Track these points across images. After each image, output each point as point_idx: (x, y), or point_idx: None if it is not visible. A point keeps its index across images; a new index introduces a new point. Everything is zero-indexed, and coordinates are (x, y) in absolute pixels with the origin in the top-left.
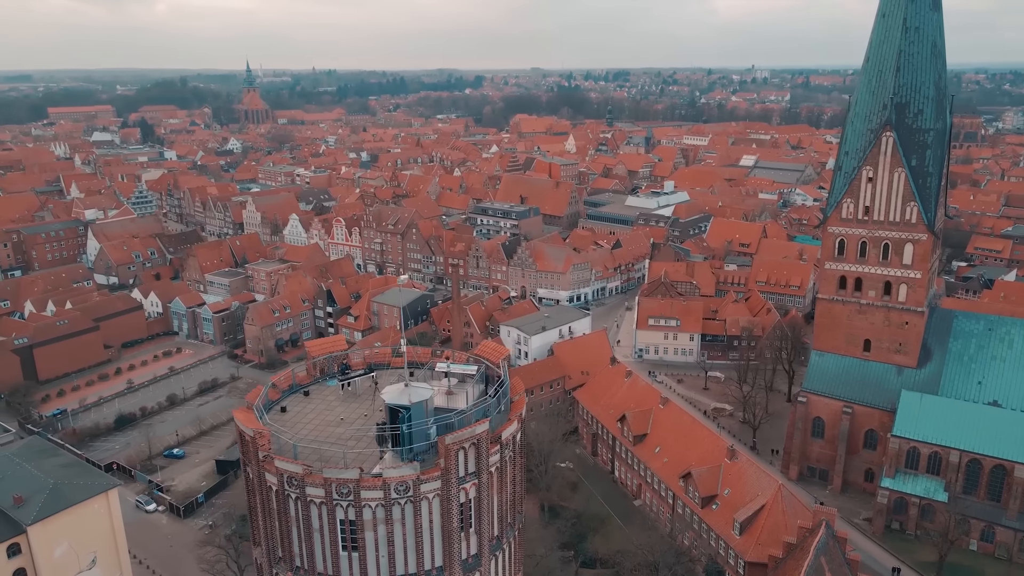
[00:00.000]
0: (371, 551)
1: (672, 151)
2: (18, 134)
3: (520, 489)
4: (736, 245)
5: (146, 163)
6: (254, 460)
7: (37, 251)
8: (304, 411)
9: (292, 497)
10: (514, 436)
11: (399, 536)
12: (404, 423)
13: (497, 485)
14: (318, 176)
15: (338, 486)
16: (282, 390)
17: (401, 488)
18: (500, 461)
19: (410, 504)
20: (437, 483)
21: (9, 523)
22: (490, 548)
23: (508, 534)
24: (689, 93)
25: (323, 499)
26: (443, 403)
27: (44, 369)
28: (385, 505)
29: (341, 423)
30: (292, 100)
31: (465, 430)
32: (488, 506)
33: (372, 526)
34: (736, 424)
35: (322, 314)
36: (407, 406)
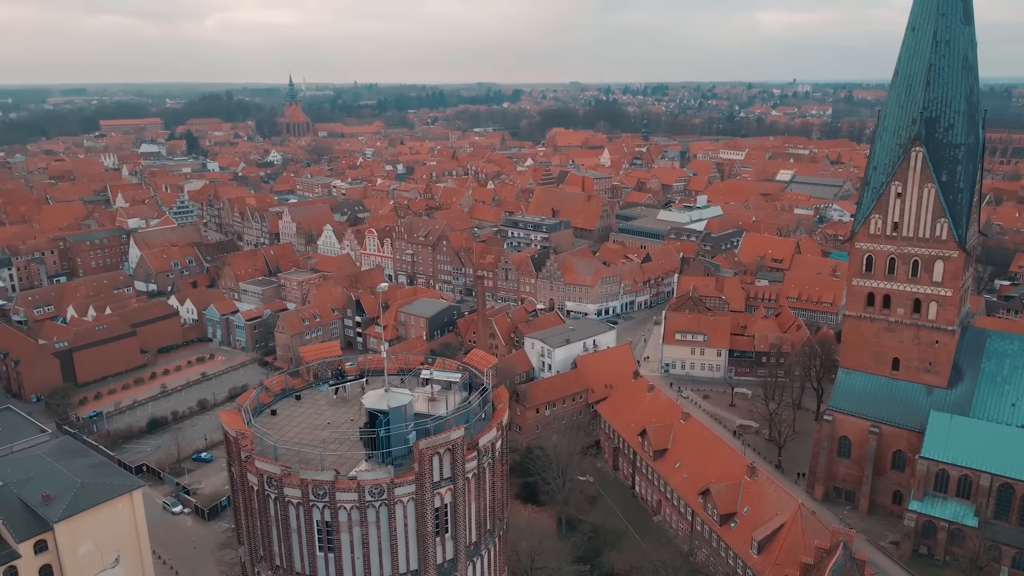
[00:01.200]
0: (347, 552)
1: (707, 165)
2: (71, 145)
3: (502, 496)
4: (768, 260)
5: (189, 174)
6: (237, 460)
7: (82, 258)
8: (294, 415)
9: (271, 497)
10: (493, 443)
11: (374, 538)
12: (381, 427)
13: (475, 491)
14: (354, 188)
15: (314, 487)
16: (275, 394)
17: (376, 491)
18: (478, 468)
19: (385, 507)
20: (411, 487)
21: (37, 520)
22: (467, 554)
23: (487, 541)
24: (728, 107)
25: (300, 500)
26: (426, 409)
27: (83, 372)
28: (360, 507)
29: (327, 427)
30: (333, 113)
31: (440, 435)
32: (465, 512)
33: (348, 528)
34: (762, 442)
35: (351, 323)
36: (385, 411)
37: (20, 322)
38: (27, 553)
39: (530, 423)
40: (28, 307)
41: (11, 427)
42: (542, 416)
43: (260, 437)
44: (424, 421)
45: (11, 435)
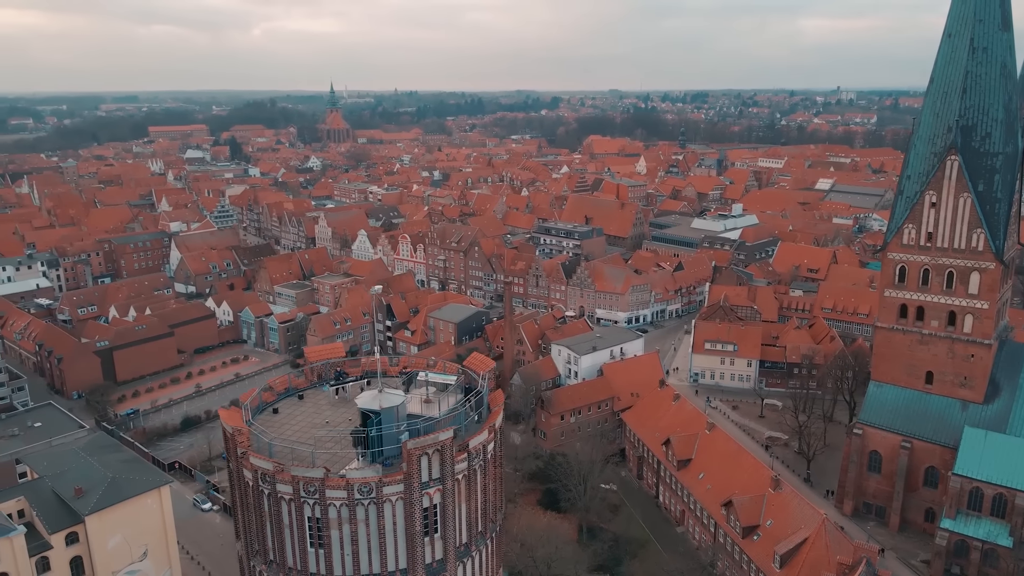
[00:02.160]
0: (337, 549)
1: (744, 174)
2: (120, 151)
3: (496, 499)
4: (803, 270)
5: (231, 179)
6: (233, 456)
7: (125, 260)
8: (294, 413)
9: (265, 493)
10: (485, 446)
11: (363, 536)
12: (373, 427)
13: (465, 493)
14: (390, 194)
15: (305, 484)
16: (278, 393)
17: (364, 489)
18: (468, 469)
19: (374, 505)
20: (400, 486)
21: (68, 513)
22: (457, 554)
23: (479, 542)
24: (769, 115)
25: (292, 496)
26: (421, 410)
27: (122, 371)
28: (349, 505)
29: (325, 426)
30: (373, 120)
31: (428, 436)
32: (454, 513)
33: (337, 524)
34: (791, 454)
35: (381, 327)
36: (376, 411)
37: (65, 321)
38: (59, 544)
39: (554, 430)
40: (73, 307)
41: (51, 423)
42: (567, 423)
43: (256, 434)
44: (415, 422)
45: (51, 430)
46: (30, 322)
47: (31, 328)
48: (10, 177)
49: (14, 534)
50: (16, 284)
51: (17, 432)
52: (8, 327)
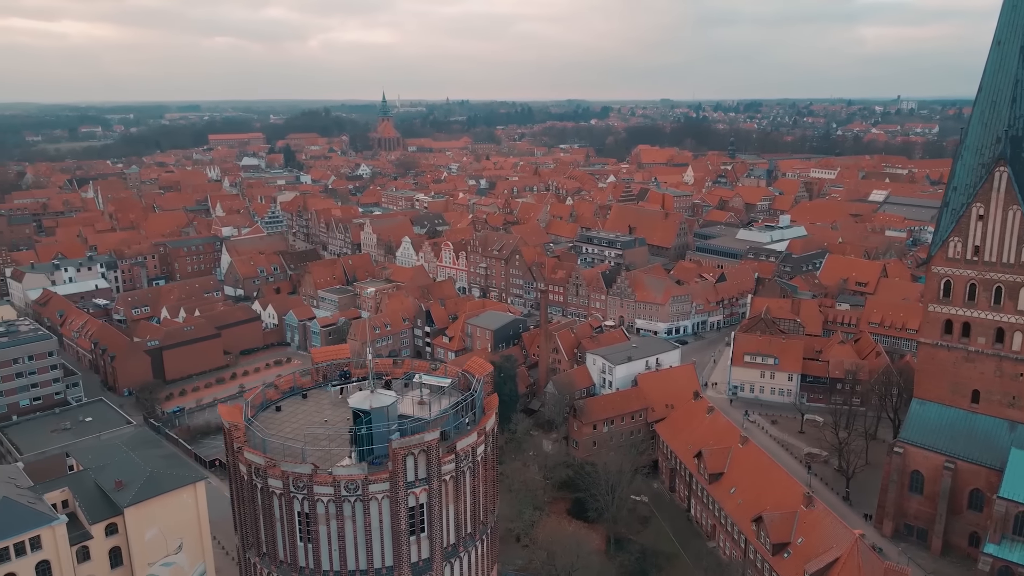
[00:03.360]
0: (324, 544)
1: (795, 184)
2: (181, 158)
3: (487, 502)
4: (852, 284)
5: (283, 186)
6: (230, 450)
7: (179, 263)
8: (296, 412)
9: (258, 487)
10: (474, 448)
11: (350, 532)
12: (363, 426)
13: (453, 494)
14: (436, 201)
15: (294, 479)
16: (283, 391)
17: (351, 487)
18: (456, 471)
19: (360, 502)
20: (385, 485)
21: (109, 504)
22: (444, 555)
23: (468, 544)
24: (824, 125)
25: (282, 491)
26: (414, 412)
27: (171, 370)
28: (336, 501)
29: (324, 424)
30: (424, 128)
31: (413, 436)
32: (441, 513)
33: (325, 520)
34: (831, 472)
35: (420, 333)
36: (367, 410)
37: (120, 321)
38: (99, 535)
39: (586, 439)
40: (127, 307)
41: (101, 418)
42: (599, 432)
43: (252, 430)
44: (405, 422)
45: (100, 425)
46: (87, 321)
47: (88, 327)
48: (77, 182)
49: (56, 523)
50: (77, 284)
51: (69, 426)
52: (67, 325)
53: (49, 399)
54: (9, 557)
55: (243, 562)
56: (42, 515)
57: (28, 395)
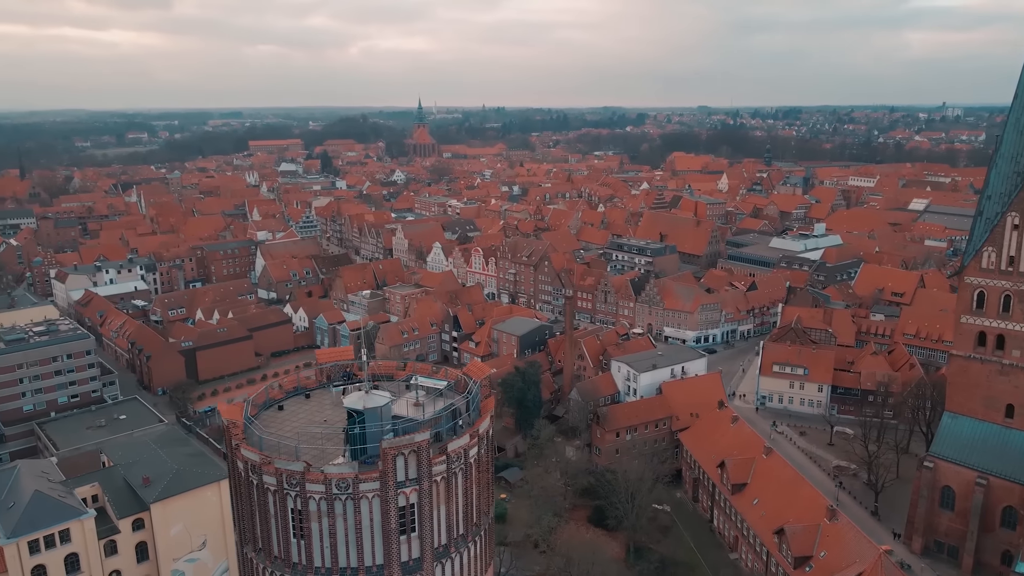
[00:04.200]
0: (316, 541)
1: (832, 192)
2: (222, 164)
3: (480, 504)
4: (887, 294)
5: (318, 191)
6: (229, 447)
7: (215, 266)
8: (298, 411)
9: (254, 483)
10: (466, 450)
11: (341, 530)
12: (356, 426)
13: (444, 495)
14: (468, 207)
15: (288, 476)
16: (287, 391)
17: (342, 485)
18: (447, 472)
19: (351, 501)
20: (376, 484)
21: (136, 500)
22: (435, 555)
23: (459, 545)
24: (866, 132)
25: (276, 487)
26: (408, 412)
27: (204, 370)
28: (327, 499)
29: (324, 424)
30: (459, 135)
31: (403, 437)
32: (431, 513)
33: (317, 517)
34: (860, 486)
35: (448, 338)
36: (360, 410)
37: (157, 321)
38: (126, 529)
39: (609, 446)
40: (164, 308)
41: (135, 416)
42: (622, 440)
43: (250, 428)
44: (398, 423)
45: (133, 423)
46: (125, 321)
47: (126, 327)
48: (122, 187)
49: (84, 517)
50: (117, 286)
51: (103, 423)
52: (107, 325)
53: (86, 397)
54: (39, 549)
55: (241, 557)
56: (72, 509)
57: (66, 392)
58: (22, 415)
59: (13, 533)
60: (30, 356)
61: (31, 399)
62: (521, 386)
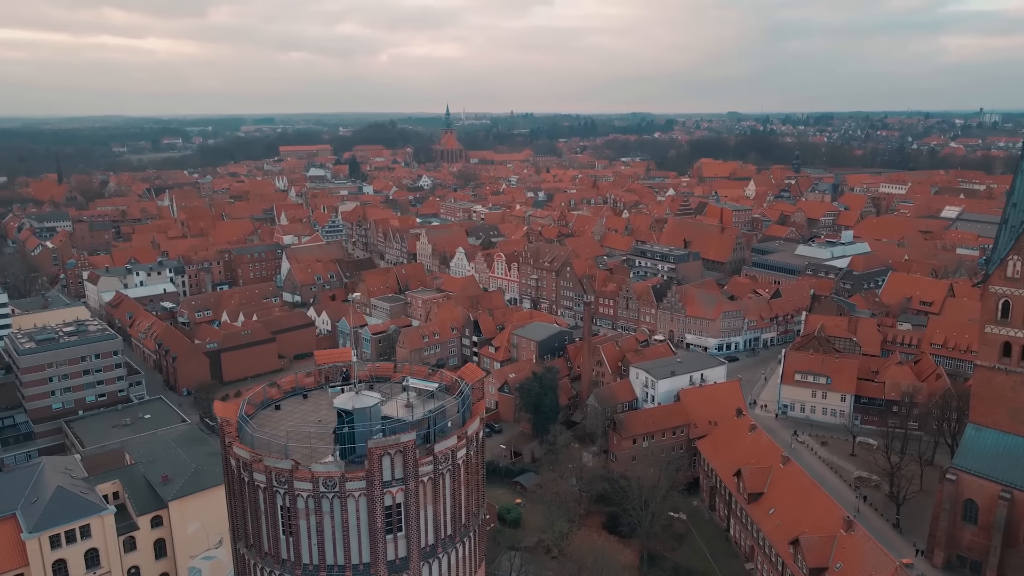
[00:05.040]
0: (304, 538)
1: (861, 199)
2: (252, 168)
3: (470, 505)
4: (915, 303)
5: (345, 196)
6: (223, 445)
7: (242, 269)
8: (295, 411)
9: (245, 480)
10: (453, 451)
11: (328, 528)
12: (345, 425)
13: (431, 495)
14: (493, 213)
15: (277, 474)
16: (285, 391)
17: (329, 483)
18: (434, 472)
19: (338, 499)
20: (362, 483)
21: (155, 497)
22: (422, 555)
23: (447, 546)
24: (899, 138)
25: (266, 484)
26: (399, 414)
27: (228, 371)
28: (315, 497)
29: (318, 424)
30: (487, 141)
31: (389, 437)
32: (418, 513)
33: (305, 515)
34: (881, 497)
35: (468, 342)
36: (350, 411)
37: (184, 323)
38: (145, 526)
39: (625, 453)
40: (191, 310)
41: (160, 415)
42: (639, 447)
43: (243, 426)
44: (387, 423)
45: (158, 423)
46: (153, 323)
47: (154, 328)
48: (155, 191)
49: (104, 513)
50: (147, 288)
51: (129, 422)
52: (135, 326)
53: (113, 396)
54: (60, 544)
55: (234, 552)
56: (92, 505)
57: (94, 391)
58: (51, 413)
59: (35, 528)
60: (60, 356)
61: (60, 397)
62: (538, 391)
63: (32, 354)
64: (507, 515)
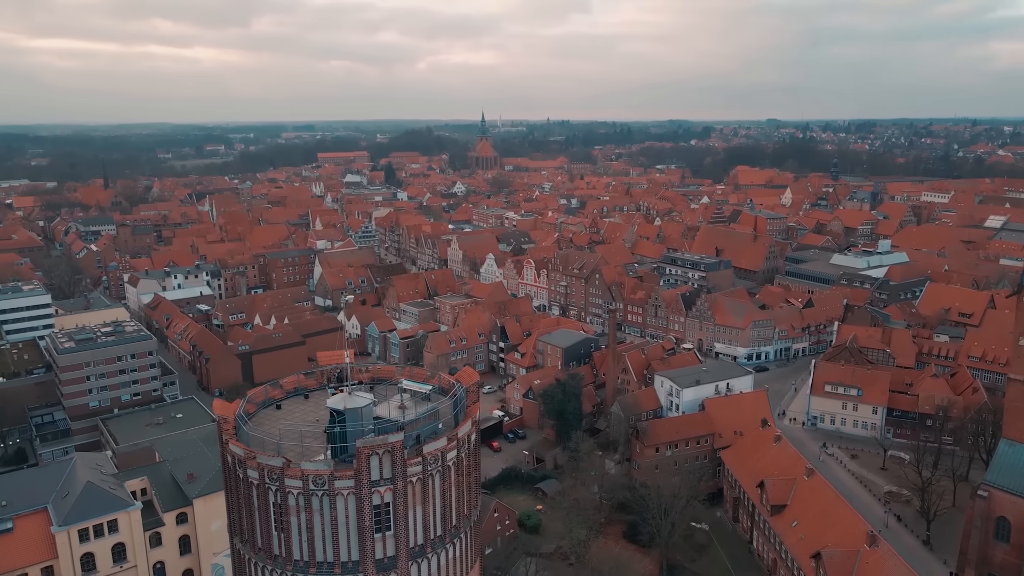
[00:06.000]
0: (295, 535)
1: (901, 208)
2: (291, 175)
3: (461, 507)
4: (954, 314)
5: (379, 202)
6: (220, 442)
7: (276, 273)
8: (295, 411)
9: (240, 477)
10: (443, 453)
11: (318, 525)
12: (336, 425)
13: (419, 495)
14: (525, 220)
15: (269, 471)
16: (287, 391)
17: (318, 481)
18: (423, 473)
19: (327, 497)
20: (350, 482)
21: (181, 495)
22: (411, 554)
23: (436, 547)
24: (944, 146)
25: (258, 481)
26: (391, 414)
27: (259, 373)
28: (305, 494)
29: (316, 423)
30: (522, 148)
31: (378, 437)
32: (407, 513)
33: (296, 512)
34: (912, 513)
35: (495, 348)
36: (341, 411)
37: (218, 325)
38: (170, 523)
39: (648, 462)
40: (225, 313)
41: (191, 415)
42: (662, 455)
43: (240, 424)
44: (378, 423)
45: (189, 422)
46: (188, 325)
47: (189, 330)
48: (196, 196)
49: (131, 509)
50: (184, 291)
51: (161, 421)
52: (172, 328)
53: (147, 395)
54: (89, 538)
55: (232, 547)
56: (120, 500)
57: (129, 391)
58: (88, 410)
59: (65, 521)
60: (97, 355)
61: (96, 396)
62: (561, 398)
63: (71, 353)
64: (527, 521)
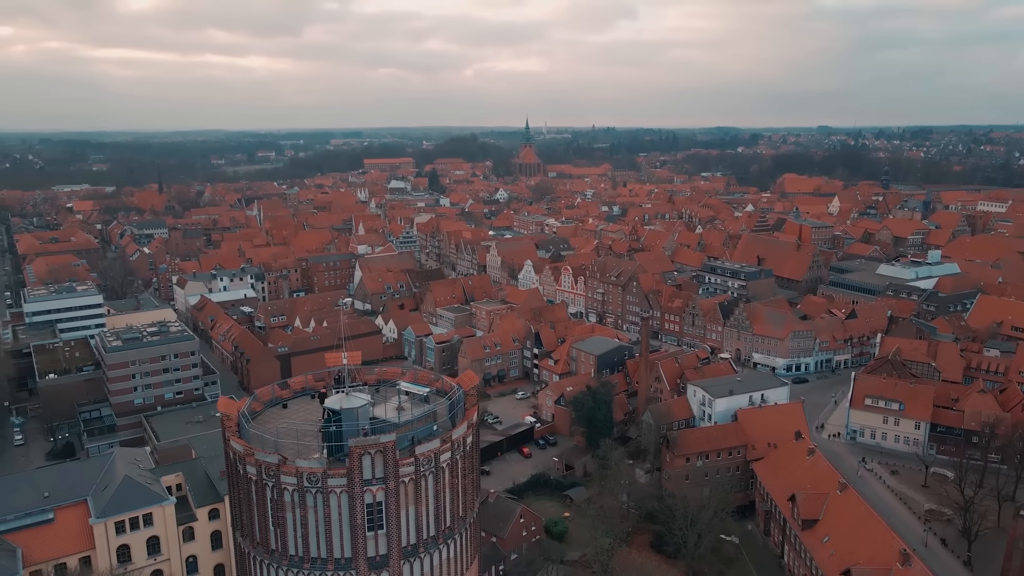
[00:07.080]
0: (290, 530)
1: (954, 217)
2: (337, 180)
3: (456, 508)
4: (1006, 328)
5: (422, 208)
6: (223, 439)
7: (318, 277)
8: (299, 410)
9: (240, 472)
10: (436, 454)
11: (312, 521)
12: (332, 424)
13: (412, 495)
14: (565, 226)
15: (266, 468)
16: (295, 391)
17: (312, 479)
18: (416, 474)
19: (320, 494)
20: (343, 480)
21: (213, 491)
22: (403, 553)
23: (429, 547)
24: (1005, 154)
25: (256, 477)
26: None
27: (297, 375)
28: (299, 491)
29: (318, 423)
30: (566, 155)
31: (369, 437)
32: (399, 512)
33: (291, 508)
34: (954, 533)
35: (529, 354)
36: (338, 411)
37: (260, 327)
38: (203, 518)
39: (678, 471)
40: (267, 315)
41: None
42: (692, 465)
43: (243, 422)
44: (373, 423)
45: None
46: (231, 326)
47: (232, 331)
48: (245, 201)
49: (166, 503)
50: (229, 293)
51: (201, 419)
52: (216, 329)
53: (189, 394)
54: (125, 530)
55: (233, 541)
56: (155, 495)
57: (172, 389)
58: (133, 407)
59: (103, 513)
60: (142, 354)
61: (141, 393)
62: (591, 405)
63: (118, 352)
64: (553, 528)
